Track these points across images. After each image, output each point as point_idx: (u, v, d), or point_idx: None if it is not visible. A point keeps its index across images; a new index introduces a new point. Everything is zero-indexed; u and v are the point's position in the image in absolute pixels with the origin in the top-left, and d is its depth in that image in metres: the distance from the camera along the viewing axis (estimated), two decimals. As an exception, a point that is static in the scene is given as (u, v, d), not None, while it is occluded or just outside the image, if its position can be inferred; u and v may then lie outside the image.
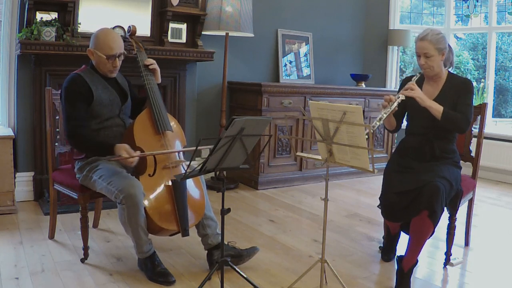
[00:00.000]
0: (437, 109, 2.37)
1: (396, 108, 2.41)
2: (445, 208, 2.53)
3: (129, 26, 2.81)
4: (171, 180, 2.40)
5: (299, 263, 2.66)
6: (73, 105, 2.44)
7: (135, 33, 2.82)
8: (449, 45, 2.51)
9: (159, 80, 2.71)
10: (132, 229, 2.30)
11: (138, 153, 2.37)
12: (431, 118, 2.46)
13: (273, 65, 5.00)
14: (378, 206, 2.58)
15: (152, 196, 2.37)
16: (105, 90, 2.53)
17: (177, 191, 2.38)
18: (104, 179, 2.36)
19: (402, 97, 2.39)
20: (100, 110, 2.50)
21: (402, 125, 2.70)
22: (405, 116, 2.69)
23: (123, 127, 2.60)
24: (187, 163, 2.10)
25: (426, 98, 2.40)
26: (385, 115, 2.34)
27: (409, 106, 2.57)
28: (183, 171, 2.49)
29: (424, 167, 2.43)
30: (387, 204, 2.42)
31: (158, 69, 2.70)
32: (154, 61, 2.69)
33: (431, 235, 2.34)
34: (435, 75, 2.51)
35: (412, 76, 2.59)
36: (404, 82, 2.63)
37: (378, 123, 2.30)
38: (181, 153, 2.62)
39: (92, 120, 2.50)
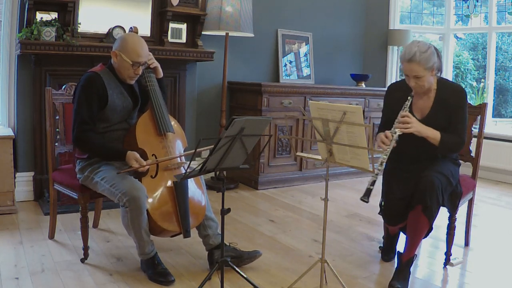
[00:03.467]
0: (435, 138, 2.32)
1: (395, 145, 2.30)
2: (445, 206, 2.54)
3: (131, 27, 2.78)
4: (173, 182, 2.40)
5: (299, 263, 2.66)
6: (88, 107, 2.38)
7: (137, 34, 2.79)
8: (435, 48, 2.34)
9: (161, 75, 2.66)
10: (135, 232, 2.30)
11: (149, 161, 2.37)
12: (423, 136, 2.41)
13: (273, 65, 5.00)
14: (379, 213, 2.57)
15: (154, 198, 2.37)
16: (120, 96, 2.48)
17: (178, 192, 2.37)
18: (107, 181, 2.35)
19: (398, 132, 2.30)
20: (111, 115, 2.46)
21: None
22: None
23: (127, 130, 2.58)
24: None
25: (423, 129, 2.31)
26: (386, 157, 2.25)
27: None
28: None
29: (423, 166, 2.43)
30: (388, 210, 2.42)
31: (158, 64, 2.64)
32: (154, 60, 2.62)
33: (428, 232, 2.34)
34: (425, 91, 2.43)
35: (397, 84, 2.54)
36: (390, 91, 2.56)
37: (381, 168, 2.23)
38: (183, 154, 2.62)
39: (100, 123, 2.46)
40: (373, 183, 2.19)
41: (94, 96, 2.38)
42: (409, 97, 2.39)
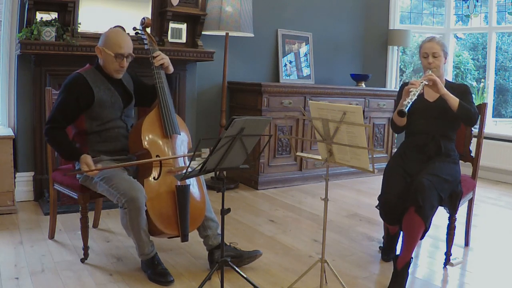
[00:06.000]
0: (454, 98, 2.47)
1: (422, 91, 2.47)
2: (445, 206, 2.54)
3: (143, 18, 2.74)
4: (176, 186, 2.38)
5: (299, 263, 2.66)
6: (63, 107, 2.43)
7: (149, 25, 2.75)
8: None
9: (171, 71, 2.67)
10: (134, 232, 2.30)
11: (99, 166, 2.39)
12: (433, 117, 2.52)
13: (273, 65, 5.00)
14: (376, 207, 2.58)
15: (155, 200, 2.36)
16: (107, 92, 2.50)
17: (180, 197, 2.36)
18: (106, 182, 2.35)
19: (425, 82, 2.46)
20: (101, 111, 2.47)
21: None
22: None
23: (125, 129, 2.58)
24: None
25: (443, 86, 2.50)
26: (417, 92, 2.40)
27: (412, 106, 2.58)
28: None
29: (422, 168, 2.44)
30: (386, 206, 2.42)
31: (166, 60, 2.63)
32: (162, 56, 2.60)
33: (424, 233, 2.34)
34: (438, 77, 2.53)
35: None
36: (403, 87, 2.65)
37: (410, 101, 2.36)
38: (186, 158, 2.59)
39: (93, 121, 2.48)
40: (411, 100, 2.37)
41: (74, 97, 2.42)
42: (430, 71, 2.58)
